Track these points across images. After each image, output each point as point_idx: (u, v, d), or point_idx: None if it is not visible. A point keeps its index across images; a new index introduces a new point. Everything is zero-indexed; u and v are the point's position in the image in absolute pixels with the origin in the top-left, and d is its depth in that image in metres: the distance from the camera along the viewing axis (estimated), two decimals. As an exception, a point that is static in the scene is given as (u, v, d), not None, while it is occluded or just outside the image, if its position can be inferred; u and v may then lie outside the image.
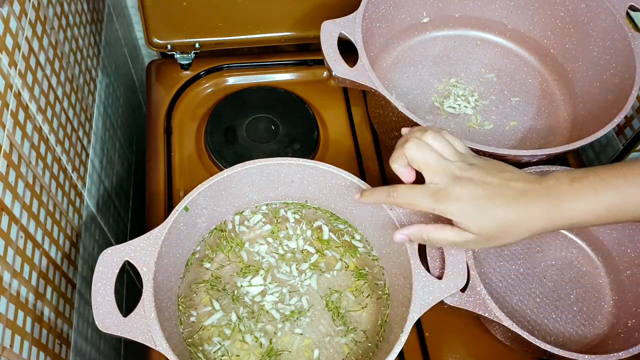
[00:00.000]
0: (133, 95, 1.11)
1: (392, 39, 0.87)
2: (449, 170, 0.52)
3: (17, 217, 0.52)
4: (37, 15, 0.62)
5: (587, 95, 0.81)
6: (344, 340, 0.64)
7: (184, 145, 0.84)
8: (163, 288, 0.61)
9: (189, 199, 0.62)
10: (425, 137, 0.53)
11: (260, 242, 0.70)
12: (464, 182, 0.51)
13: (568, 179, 0.50)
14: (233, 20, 0.88)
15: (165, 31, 0.87)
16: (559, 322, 0.70)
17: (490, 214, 0.50)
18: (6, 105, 0.52)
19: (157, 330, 0.54)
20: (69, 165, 0.68)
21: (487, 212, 0.50)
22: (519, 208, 0.50)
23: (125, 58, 1.05)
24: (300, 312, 0.65)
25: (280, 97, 0.87)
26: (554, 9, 0.84)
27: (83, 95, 0.77)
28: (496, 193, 0.50)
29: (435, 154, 0.53)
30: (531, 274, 0.73)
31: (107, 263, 0.58)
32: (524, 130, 0.83)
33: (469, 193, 0.50)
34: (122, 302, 0.84)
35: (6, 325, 0.49)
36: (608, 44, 0.78)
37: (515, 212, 0.50)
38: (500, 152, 0.66)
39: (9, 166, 0.51)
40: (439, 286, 0.59)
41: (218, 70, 0.91)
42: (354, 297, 0.67)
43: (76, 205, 0.70)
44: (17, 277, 0.52)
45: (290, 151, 0.82)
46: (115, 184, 0.90)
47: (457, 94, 0.85)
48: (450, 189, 0.51)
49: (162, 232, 0.60)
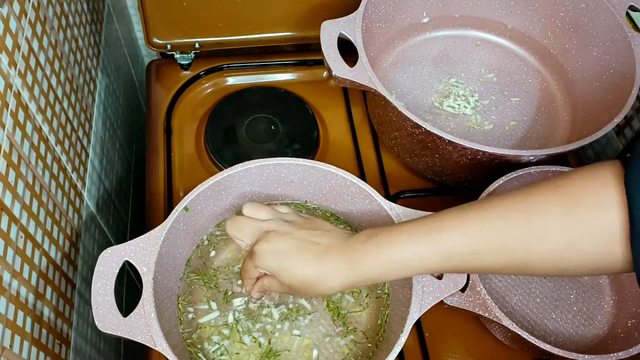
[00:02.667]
0: (133, 96, 1.11)
1: (392, 39, 0.87)
2: (259, 228, 0.55)
3: (16, 217, 0.52)
4: (37, 15, 0.62)
5: (587, 95, 0.81)
6: (344, 341, 0.64)
7: (183, 145, 0.84)
8: (163, 288, 0.61)
9: (189, 199, 0.62)
10: (243, 210, 0.58)
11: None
12: (270, 236, 0.54)
13: (365, 237, 0.51)
14: (233, 20, 0.88)
15: (165, 31, 0.87)
16: (558, 322, 0.70)
17: (291, 270, 0.52)
18: (6, 105, 0.52)
19: (157, 330, 0.54)
20: (68, 165, 0.68)
21: (288, 269, 0.52)
22: (318, 265, 0.51)
23: (125, 58, 1.05)
24: (299, 310, 0.65)
25: (280, 97, 0.87)
26: (554, 9, 0.84)
27: (83, 95, 0.77)
28: (298, 249, 0.52)
29: (248, 219, 0.57)
30: (531, 274, 0.73)
31: (106, 263, 0.58)
32: (524, 130, 0.83)
33: (273, 248, 0.53)
34: (122, 302, 0.84)
35: (6, 325, 0.49)
36: (608, 44, 0.78)
37: (314, 269, 0.51)
38: (500, 152, 0.66)
39: (8, 166, 0.51)
40: (439, 286, 0.59)
41: (218, 70, 0.91)
42: (354, 299, 0.67)
43: (76, 205, 0.70)
44: (16, 277, 0.52)
45: (290, 151, 0.82)
46: (115, 184, 0.90)
47: (458, 93, 0.85)
48: (258, 246, 0.54)
49: (162, 232, 0.60)
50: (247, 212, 0.58)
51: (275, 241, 0.53)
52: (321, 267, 0.51)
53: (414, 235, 0.49)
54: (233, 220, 0.57)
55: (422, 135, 0.70)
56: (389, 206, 0.63)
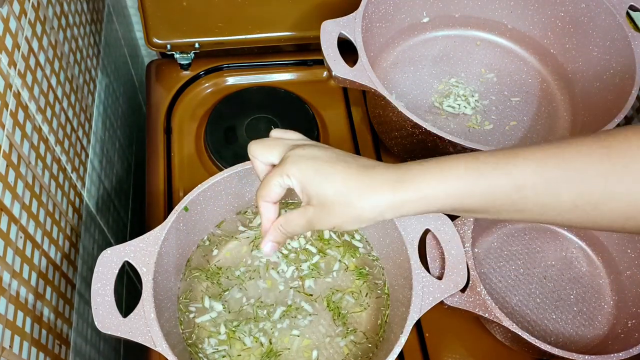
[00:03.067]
0: (133, 95, 1.10)
1: (392, 39, 0.87)
2: (292, 142, 0.49)
3: (16, 218, 0.52)
4: (37, 15, 0.62)
5: (587, 95, 0.81)
6: (344, 341, 0.64)
7: (183, 145, 0.84)
8: (163, 288, 0.60)
9: (189, 199, 0.62)
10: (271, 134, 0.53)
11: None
12: (307, 146, 0.48)
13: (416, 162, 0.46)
14: (233, 20, 0.87)
15: (165, 31, 0.87)
16: (559, 323, 0.70)
17: (329, 179, 0.45)
18: (6, 106, 0.52)
19: (157, 331, 0.54)
20: (68, 165, 0.68)
21: (326, 176, 0.45)
22: (362, 176, 0.44)
23: (125, 58, 1.05)
24: (297, 309, 0.65)
25: (280, 97, 0.87)
26: (554, 9, 0.84)
27: (83, 95, 0.76)
28: (338, 159, 0.46)
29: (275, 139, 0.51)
30: (531, 274, 0.73)
31: (106, 263, 0.58)
32: (524, 130, 0.83)
33: (311, 153, 0.46)
34: (122, 302, 0.84)
35: (6, 326, 0.49)
36: (608, 44, 0.78)
37: (357, 179, 0.44)
38: (500, 152, 0.66)
39: (8, 166, 0.51)
40: (439, 286, 0.59)
41: (218, 70, 0.91)
42: (354, 299, 0.67)
43: (76, 205, 0.70)
44: (16, 277, 0.52)
45: (290, 151, 0.82)
46: (114, 184, 0.90)
47: (458, 93, 0.85)
48: (292, 152, 0.47)
49: (161, 233, 0.60)
50: (275, 134, 0.52)
51: (313, 149, 0.47)
52: (366, 179, 0.44)
53: (482, 160, 0.44)
54: (260, 141, 0.50)
55: (422, 135, 0.70)
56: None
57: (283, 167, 0.46)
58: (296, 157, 0.46)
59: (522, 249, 0.75)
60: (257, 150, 0.50)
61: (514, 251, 0.74)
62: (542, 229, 0.76)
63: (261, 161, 0.50)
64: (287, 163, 0.46)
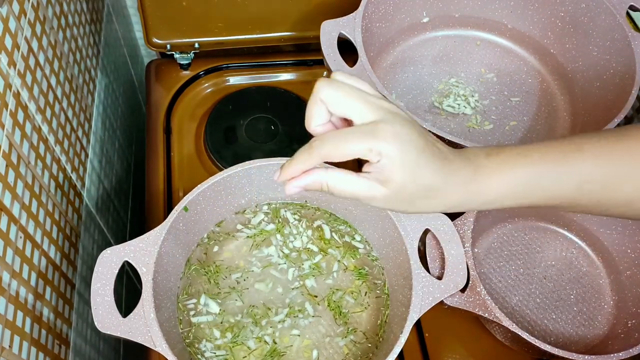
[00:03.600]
0: (132, 95, 1.10)
1: (392, 39, 0.87)
2: (382, 105, 0.42)
3: (16, 217, 0.52)
4: (37, 15, 0.62)
5: (587, 95, 0.81)
6: (344, 341, 0.64)
7: (183, 145, 0.84)
8: (162, 288, 0.60)
9: (189, 199, 0.62)
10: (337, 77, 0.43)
11: (265, 243, 0.70)
12: (402, 120, 0.41)
13: (484, 153, 0.44)
14: (233, 20, 0.87)
15: (164, 31, 0.87)
16: (559, 323, 0.70)
17: (421, 171, 0.42)
18: (5, 106, 0.52)
19: (157, 331, 0.54)
20: (68, 165, 0.68)
21: (419, 168, 0.42)
22: (444, 173, 0.42)
23: (125, 58, 1.05)
24: (300, 309, 0.65)
25: (280, 97, 0.87)
26: (554, 9, 0.84)
27: (82, 95, 0.76)
28: (430, 148, 0.42)
29: (357, 90, 0.42)
30: (531, 274, 0.73)
31: (106, 263, 0.58)
32: (524, 130, 0.83)
33: (409, 137, 0.41)
34: (122, 302, 0.84)
35: (5, 326, 0.49)
36: (608, 44, 0.78)
37: (440, 177, 0.42)
38: (500, 152, 0.66)
39: (8, 166, 0.51)
40: (439, 286, 0.58)
41: (218, 70, 0.91)
42: (354, 299, 0.67)
43: (75, 205, 0.70)
44: (16, 277, 0.52)
45: (290, 151, 0.81)
46: (114, 184, 0.90)
47: (458, 93, 0.85)
48: (391, 125, 0.40)
49: (161, 233, 0.60)
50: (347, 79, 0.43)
51: (411, 129, 0.41)
52: (446, 177, 0.43)
53: (548, 156, 0.43)
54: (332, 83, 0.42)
55: (422, 135, 0.70)
56: (389, 206, 0.63)
57: (377, 138, 0.40)
58: (394, 135, 0.40)
59: (522, 249, 0.75)
60: (332, 95, 0.42)
61: (514, 251, 0.74)
62: (542, 229, 0.76)
63: (332, 111, 0.42)
64: (384, 138, 0.40)
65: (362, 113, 0.41)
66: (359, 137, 0.41)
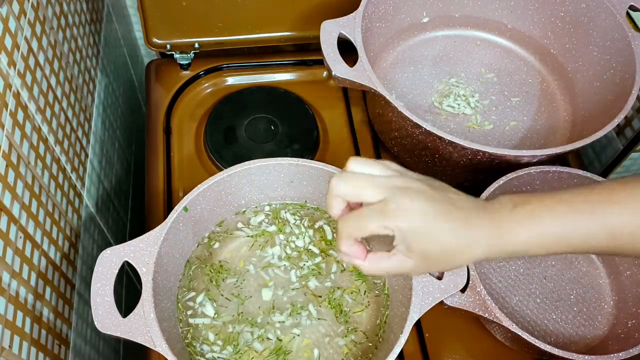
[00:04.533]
0: (132, 95, 1.10)
1: (392, 39, 0.87)
2: (390, 183, 0.45)
3: (16, 218, 0.52)
4: (37, 15, 0.62)
5: (587, 95, 0.81)
6: (344, 341, 0.64)
7: (183, 145, 0.84)
8: (162, 288, 0.60)
9: (189, 199, 0.62)
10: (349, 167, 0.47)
11: (269, 243, 0.70)
12: (411, 194, 0.44)
13: (511, 204, 0.46)
14: (232, 20, 0.87)
15: (164, 31, 0.87)
16: (559, 323, 0.70)
17: (438, 237, 0.44)
18: (5, 106, 0.52)
19: (157, 331, 0.54)
20: (68, 165, 0.68)
21: (436, 235, 0.44)
22: (465, 233, 0.45)
23: (125, 58, 1.05)
24: (302, 307, 0.65)
25: (280, 97, 0.87)
26: (554, 9, 0.84)
27: (82, 95, 0.76)
28: (444, 213, 0.45)
29: (367, 176, 0.46)
30: (531, 274, 0.73)
31: (106, 263, 0.58)
32: (524, 130, 0.83)
33: (419, 208, 0.44)
34: (121, 302, 0.84)
35: (5, 326, 0.49)
36: (608, 44, 0.78)
37: (461, 237, 0.45)
38: (500, 152, 0.66)
39: (8, 166, 0.51)
40: (439, 286, 0.58)
41: (217, 70, 0.91)
42: (353, 299, 0.67)
43: (75, 205, 0.70)
44: (16, 277, 0.52)
45: (290, 151, 0.82)
46: (114, 184, 0.90)
47: (458, 93, 0.85)
48: (398, 201, 0.44)
49: (161, 233, 0.60)
50: (358, 167, 0.47)
51: (419, 200, 0.44)
52: (467, 236, 0.45)
53: (575, 208, 0.44)
54: (346, 178, 0.46)
55: (422, 135, 0.70)
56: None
57: (387, 217, 0.44)
58: (403, 210, 0.44)
59: (522, 249, 0.75)
60: (344, 190, 0.46)
61: (514, 251, 0.74)
62: (542, 229, 0.76)
63: (349, 200, 0.47)
64: (393, 216, 0.44)
65: (373, 196, 0.45)
66: (372, 217, 0.45)
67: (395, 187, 0.45)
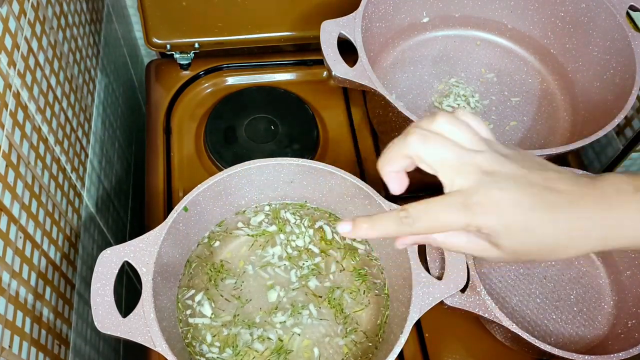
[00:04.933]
0: (132, 95, 1.10)
1: (392, 38, 0.87)
2: (476, 164, 0.37)
3: (16, 218, 0.52)
4: (36, 15, 0.62)
5: (587, 95, 0.81)
6: (344, 341, 0.64)
7: (183, 145, 0.84)
8: (162, 288, 0.60)
9: (189, 199, 0.62)
10: (435, 124, 0.38)
11: (270, 243, 0.70)
12: (500, 181, 0.37)
13: (631, 187, 0.37)
14: (232, 20, 0.87)
15: (164, 31, 0.87)
16: (559, 323, 0.70)
17: (535, 232, 0.37)
18: (5, 106, 0.52)
19: (157, 331, 0.54)
20: (68, 165, 0.68)
21: (531, 230, 0.37)
22: (570, 224, 0.37)
23: (125, 58, 1.05)
24: (303, 307, 0.65)
25: (280, 97, 0.87)
26: (554, 9, 0.84)
27: (82, 95, 0.76)
28: (543, 202, 0.37)
29: (453, 145, 0.38)
30: (531, 274, 0.73)
31: (106, 263, 0.58)
32: (524, 130, 0.83)
33: (511, 199, 0.36)
34: (121, 302, 0.84)
35: (5, 326, 0.49)
36: (608, 44, 0.78)
37: (565, 230, 0.37)
38: (500, 152, 0.66)
39: (7, 166, 0.51)
40: (439, 287, 0.58)
41: (217, 70, 0.91)
42: (353, 299, 0.67)
43: (75, 205, 0.70)
44: (16, 277, 0.52)
45: (290, 151, 0.82)
46: (114, 184, 0.90)
47: (458, 93, 0.85)
48: (485, 193, 0.36)
49: (161, 233, 0.59)
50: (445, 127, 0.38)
51: (510, 189, 0.36)
52: (572, 228, 0.37)
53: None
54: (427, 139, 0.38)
55: (422, 136, 0.70)
56: (389, 207, 0.63)
57: (472, 214, 0.36)
58: (491, 205, 0.36)
59: (522, 249, 0.75)
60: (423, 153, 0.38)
61: (514, 251, 0.74)
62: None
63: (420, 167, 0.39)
64: (479, 212, 0.36)
65: (452, 177, 0.37)
66: (453, 214, 0.37)
67: (481, 170, 0.37)
